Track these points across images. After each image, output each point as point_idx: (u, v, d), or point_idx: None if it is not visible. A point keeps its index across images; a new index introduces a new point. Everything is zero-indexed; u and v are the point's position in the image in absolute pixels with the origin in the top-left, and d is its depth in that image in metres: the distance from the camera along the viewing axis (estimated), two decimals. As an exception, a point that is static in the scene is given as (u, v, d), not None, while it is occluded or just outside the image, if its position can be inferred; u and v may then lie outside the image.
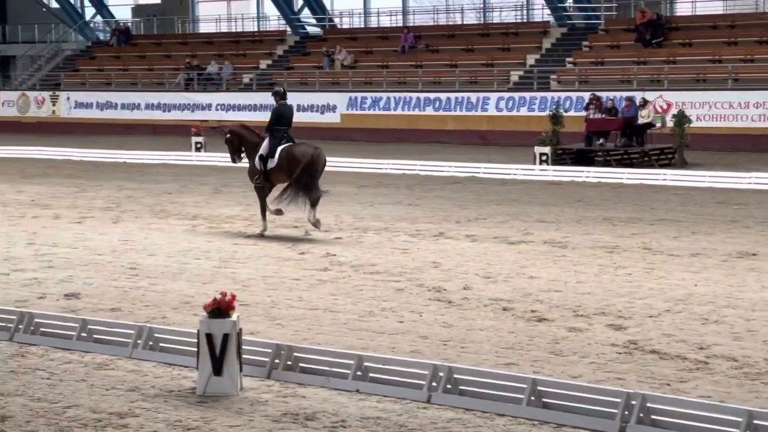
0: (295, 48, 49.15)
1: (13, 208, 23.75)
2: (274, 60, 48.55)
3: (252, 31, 52.63)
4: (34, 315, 12.47)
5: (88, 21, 57.98)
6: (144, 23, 56.35)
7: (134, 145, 39.60)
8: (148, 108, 47.12)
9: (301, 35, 50.53)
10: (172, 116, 46.17)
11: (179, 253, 17.88)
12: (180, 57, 50.07)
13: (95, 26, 58.42)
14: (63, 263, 17.07)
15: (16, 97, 50.60)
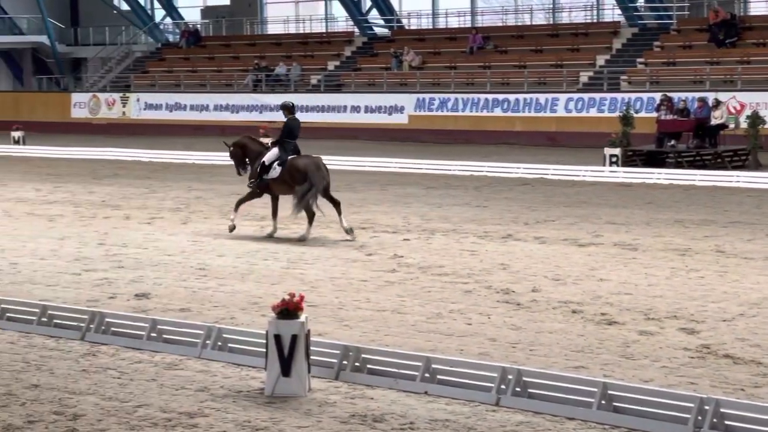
0: (362, 49, 49.25)
1: (84, 209, 24.05)
2: (342, 61, 48.69)
3: (320, 33, 52.83)
4: (105, 315, 12.60)
5: (158, 23, 58.54)
6: (213, 25, 56.79)
7: (203, 146, 39.88)
8: (217, 109, 47.47)
9: (369, 36, 50.62)
10: (240, 117, 46.45)
11: (248, 253, 17.98)
12: (248, 58, 50.39)
13: (165, 28, 58.98)
14: (133, 263, 17.25)
15: (87, 99, 51.22)
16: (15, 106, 53.35)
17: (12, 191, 27.57)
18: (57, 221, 22.22)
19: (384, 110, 43.43)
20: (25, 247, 19.00)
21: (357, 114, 43.99)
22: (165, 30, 58.94)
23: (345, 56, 48.99)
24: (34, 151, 39.80)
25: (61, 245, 19.11)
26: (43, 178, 31.10)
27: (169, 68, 52.33)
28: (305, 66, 48.36)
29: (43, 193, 27.25)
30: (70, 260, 17.59)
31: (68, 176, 31.47)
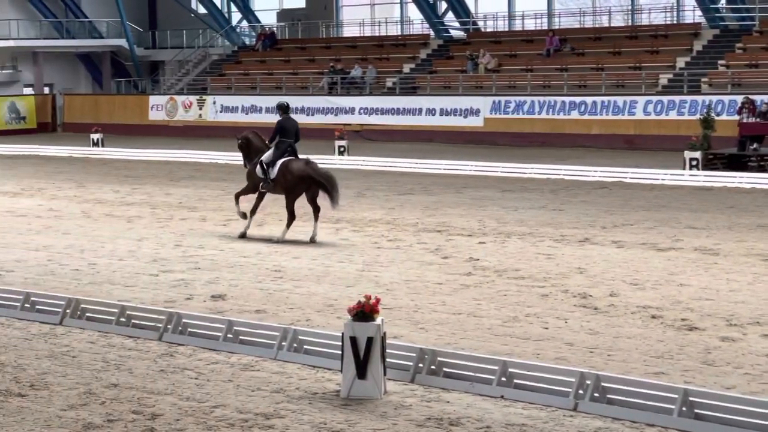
0: (438, 51, 49.21)
1: (161, 210, 24.29)
2: (418, 64, 48.69)
3: (395, 35, 52.87)
4: (182, 315, 12.71)
5: (235, 26, 58.99)
6: (289, 28, 57.09)
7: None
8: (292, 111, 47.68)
9: (445, 39, 50.56)
10: (315, 120, 46.63)
11: (323, 256, 18.03)
12: (324, 61, 50.59)
13: (241, 31, 59.41)
14: (209, 265, 17.38)
15: (164, 101, 51.75)
16: (94, 109, 54.10)
17: (91, 192, 27.95)
18: (135, 222, 22.48)
19: (459, 113, 43.34)
20: (103, 247, 19.24)
21: (432, 117, 43.94)
22: (241, 33, 59.36)
23: (420, 59, 48.98)
24: (113, 152, 40.31)
25: (138, 246, 19.32)
26: (121, 179, 31.48)
27: (245, 71, 52.71)
28: (381, 68, 48.44)
29: (121, 194, 27.58)
30: (148, 261, 17.78)
31: (146, 178, 31.82)
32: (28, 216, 23.65)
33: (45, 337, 12.91)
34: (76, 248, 19.18)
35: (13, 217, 23.58)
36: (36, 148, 42.33)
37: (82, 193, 27.82)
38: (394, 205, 24.54)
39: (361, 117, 45.65)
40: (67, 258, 18.21)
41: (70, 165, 36.70)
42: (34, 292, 14.32)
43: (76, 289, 15.52)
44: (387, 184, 29.32)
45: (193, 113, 50.66)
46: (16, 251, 18.93)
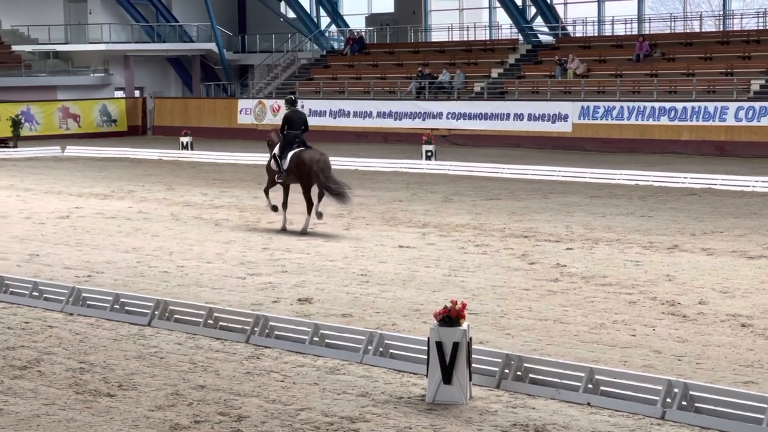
0: (526, 56, 49.03)
1: (249, 213, 24.51)
2: (506, 68, 48.56)
3: (484, 40, 52.78)
4: (269, 318, 12.82)
5: (324, 30, 59.32)
6: (377, 32, 57.28)
7: (366, 153, 40.27)
8: (380, 116, 47.84)
9: (534, 44, 50.36)
10: (403, 124, 46.73)
11: (409, 260, 18.07)
12: (412, 65, 50.67)
13: (330, 36, 59.74)
14: (296, 268, 17.50)
15: (253, 105, 52.21)
16: (184, 112, 54.78)
17: (180, 195, 28.29)
18: (223, 225, 22.71)
19: (547, 118, 43.13)
20: (192, 250, 19.47)
21: (520, 122, 43.78)
22: (330, 38, 59.69)
23: (509, 64, 48.84)
24: (202, 156, 40.76)
25: (226, 249, 19.52)
26: (210, 182, 31.82)
27: (334, 75, 52.99)
28: (469, 73, 48.39)
29: (209, 197, 27.89)
30: (235, 264, 17.96)
31: (234, 181, 32.13)
32: (118, 218, 24.03)
33: (134, 338, 13.11)
34: (164, 250, 19.45)
35: (103, 219, 23.97)
36: (126, 150, 42.98)
37: (171, 196, 28.18)
38: (481, 210, 24.50)
39: (448, 122, 45.63)
40: (155, 260, 18.46)
41: (160, 168, 37.20)
42: (124, 293, 14.55)
43: (165, 291, 15.73)
44: (474, 188, 29.28)
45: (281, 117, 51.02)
46: (106, 253, 19.24)
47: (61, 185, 31.16)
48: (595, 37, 49.64)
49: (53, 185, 31.07)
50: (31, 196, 28.47)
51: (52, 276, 16.95)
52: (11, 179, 33.16)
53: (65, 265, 18.02)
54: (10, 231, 22.15)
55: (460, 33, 54.51)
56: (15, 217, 24.43)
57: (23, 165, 38.64)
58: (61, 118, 52.87)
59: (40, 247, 19.94)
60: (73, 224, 23.13)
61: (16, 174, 35.03)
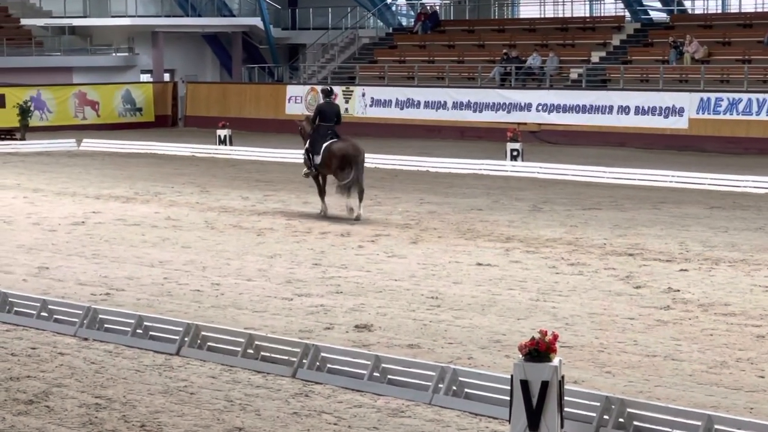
0: (634, 37, 48.81)
1: (298, 222, 24.62)
2: (609, 51, 48.38)
3: (582, 17, 52.63)
4: (321, 348, 12.85)
5: (390, 3, 59.46)
6: (454, 7, 57.34)
7: (439, 151, 40.28)
8: (456, 107, 47.86)
9: (643, 22, 50.13)
10: (484, 117, 46.70)
11: (489, 281, 18.03)
12: (496, 47, 50.65)
13: (398, 10, 59.90)
14: (353, 288, 17.53)
15: (304, 93, 52.42)
16: (222, 100, 55.12)
17: (216, 199, 28.49)
18: (266, 236, 22.82)
19: (659, 112, 42.89)
20: (229, 265, 19.58)
21: (625, 116, 43.59)
22: (398, 12, 59.85)
23: (612, 46, 48.65)
24: (242, 152, 40.99)
25: (270, 264, 19.61)
26: (251, 184, 32.01)
27: (401, 57, 53.07)
28: (564, 57, 48.27)
29: (251, 202, 28.05)
30: (281, 282, 18.02)
31: (280, 183, 32.28)
32: (143, 225, 24.23)
33: (159, 369, 13.20)
34: (197, 265, 19.57)
35: (125, 226, 24.18)
36: (153, 144, 43.33)
37: (205, 200, 28.38)
38: (577, 222, 24.41)
39: (538, 115, 45.53)
40: (186, 276, 18.58)
41: (192, 166, 37.46)
42: (148, 315, 14.66)
43: (197, 313, 15.82)
44: (568, 196, 29.17)
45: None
46: (127, 267, 19.40)
47: (76, 185, 31.50)
48: (717, 14, 49.31)
49: (67, 185, 31.41)
50: (41, 198, 28.80)
51: (64, 293, 17.12)
52: (18, 177, 33.59)
53: (79, 281, 18.20)
54: (15, 239, 22.42)
55: (554, 8, 54.40)
56: (22, 222, 24.72)
57: (32, 161, 39.12)
58: (77, 105, 53.45)
59: (51, 259, 20.16)
60: (90, 232, 23.35)
61: (24, 171, 35.47)
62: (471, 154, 39.08)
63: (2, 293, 15.87)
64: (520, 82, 48.00)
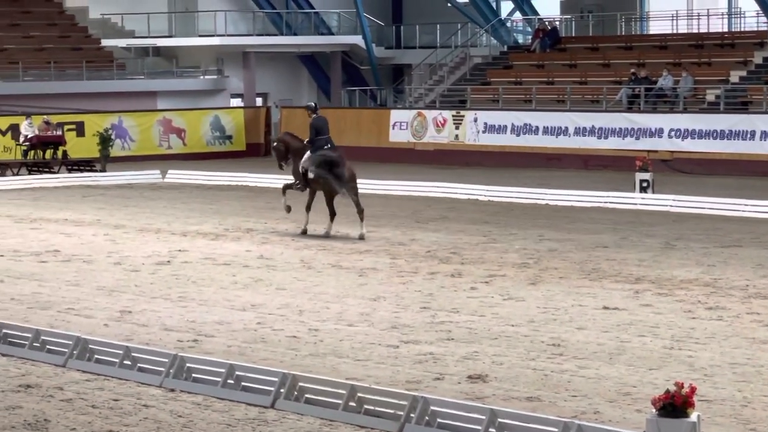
0: (780, 55, 48.34)
1: (404, 261, 24.64)
2: (750, 70, 47.95)
3: (720, 32, 52.23)
4: (430, 401, 12.82)
5: (505, 19, 59.48)
6: (576, 22, 57.23)
7: (560, 182, 40.13)
8: (579, 133, 47.68)
9: (789, 37, 49.64)
10: (609, 144, 46.46)
11: (617, 327, 17.91)
12: (622, 66, 50.42)
13: (513, 26, 59.88)
14: (466, 335, 17.50)
15: (410, 118, 52.53)
16: (319, 127, 55.32)
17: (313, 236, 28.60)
18: (369, 276, 22.87)
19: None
20: (328, 309, 19.64)
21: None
22: (513, 29, 59.83)
23: (754, 64, 48.21)
24: (342, 184, 41.09)
25: (373, 308, 19.64)
26: (351, 219, 32.08)
27: (517, 78, 53.03)
28: (699, 77, 47.91)
29: (351, 239, 28.11)
30: (385, 328, 18.05)
31: (384, 218, 32.34)
32: (233, 265, 24.40)
33: (252, 423, 13.26)
34: (293, 309, 19.66)
35: (214, 265, 24.37)
36: (244, 176, 43.64)
37: (300, 237, 28.50)
38: (715, 261, 24.18)
39: (671, 141, 45.22)
40: (281, 321, 18.67)
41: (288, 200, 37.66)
42: (240, 364, 14.72)
43: (293, 362, 15.88)
44: (705, 232, 28.92)
45: (447, 133, 51.25)
46: (217, 311, 19.55)
47: (161, 221, 31.81)
48: None
49: (150, 221, 31.74)
50: (123, 235, 29.13)
51: (149, 340, 17.28)
52: (98, 213, 34.00)
53: (165, 326, 18.36)
54: (96, 280, 22.69)
55: (687, 23, 54.03)
56: (102, 262, 25.03)
57: (113, 194, 39.60)
58: (161, 133, 54.01)
59: (134, 302, 20.37)
60: (176, 272, 23.58)
61: (104, 206, 35.91)
62: (595, 185, 38.89)
63: (82, 339, 16.05)
64: (650, 104, 47.71)
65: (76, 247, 26.91)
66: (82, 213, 33.69)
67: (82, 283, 22.34)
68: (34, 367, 15.94)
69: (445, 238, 28.21)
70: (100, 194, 39.60)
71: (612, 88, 49.04)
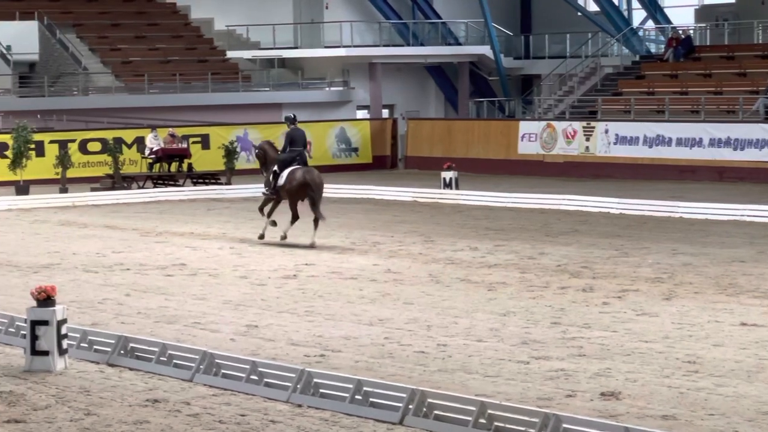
0: None
1: (534, 276, 24.56)
2: None
3: None
4: (562, 419, 12.77)
5: (636, 28, 59.08)
6: (711, 30, 56.66)
7: (694, 195, 39.77)
8: (714, 144, 47.19)
9: None
10: (746, 156, 45.93)
11: (755, 344, 17.72)
12: (759, 75, 49.88)
13: (645, 35, 59.45)
14: (598, 351, 17.41)
15: (539, 129, 52.37)
16: (446, 139, 55.40)
17: (441, 250, 28.62)
18: (498, 291, 22.83)
19: None
20: (457, 324, 19.65)
21: None
22: (645, 38, 59.41)
23: None
24: (470, 197, 41.07)
25: (503, 323, 19.61)
26: (480, 233, 32.09)
27: (650, 88, 52.68)
28: (840, 85, 47.26)
29: (480, 253, 28.09)
30: (516, 344, 18.01)
31: (513, 231, 32.28)
32: (360, 279, 24.49)
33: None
34: (420, 323, 19.69)
35: (340, 279, 24.48)
36: (370, 189, 43.79)
37: (429, 251, 28.54)
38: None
39: (810, 153, 44.64)
40: (409, 336, 18.71)
41: (414, 212, 37.74)
42: (368, 380, 14.77)
43: (421, 377, 15.90)
44: None
45: (577, 145, 51.03)
46: (344, 325, 19.63)
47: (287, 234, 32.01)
48: None
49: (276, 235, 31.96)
50: (249, 249, 29.39)
51: (275, 354, 17.41)
52: (223, 226, 34.32)
53: (292, 341, 18.48)
54: (222, 294, 22.90)
55: (827, 29, 53.30)
56: (228, 276, 25.26)
57: (238, 207, 39.93)
58: (287, 145, 54.30)
59: (260, 316, 20.53)
60: (302, 286, 23.73)
61: (230, 219, 36.24)
62: (731, 198, 38.46)
63: (209, 354, 16.20)
64: (788, 115, 47.13)
65: (202, 261, 27.19)
66: (208, 226, 34.02)
67: (208, 297, 22.56)
68: (161, 381, 16.14)
69: (575, 252, 28.08)
70: (225, 207, 39.96)
71: (749, 98, 48.50)
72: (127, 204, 40.98)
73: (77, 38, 57.75)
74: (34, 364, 16.72)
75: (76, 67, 56.13)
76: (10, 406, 14.79)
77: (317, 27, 60.39)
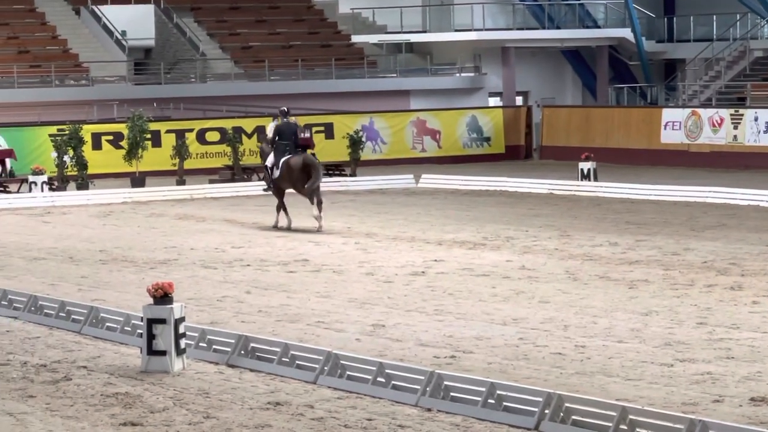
0: None
1: (678, 273, 24.37)
2: None
3: None
4: (709, 425, 12.64)
5: (790, 8, 58.39)
6: None
7: None
8: None
9: None
10: None
11: None
12: None
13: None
14: (747, 353, 17.25)
15: (683, 117, 51.92)
16: (584, 127, 55.10)
17: (578, 245, 28.50)
18: (640, 289, 22.69)
19: None
20: (595, 324, 19.56)
21: None
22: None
23: None
24: (609, 189, 40.84)
25: (645, 323, 19.49)
26: (620, 227, 31.90)
27: (803, 73, 52.04)
28: None
29: (620, 248, 27.93)
30: (658, 345, 17.90)
31: (655, 226, 32.05)
32: (492, 276, 24.46)
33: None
34: (557, 323, 19.63)
35: (471, 276, 24.46)
36: (503, 180, 43.65)
37: (566, 246, 28.43)
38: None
39: None
40: (545, 337, 18.66)
41: (550, 205, 37.61)
42: (501, 383, 14.75)
43: (558, 380, 15.86)
44: None
45: (724, 134, 50.52)
46: (476, 325, 19.62)
47: (414, 229, 32.05)
48: None
49: (403, 229, 32.02)
50: (375, 244, 29.44)
51: (403, 356, 17.44)
52: (348, 220, 34.43)
53: (420, 341, 18.50)
54: (347, 291, 22.99)
55: None
56: (353, 272, 25.34)
57: (364, 200, 40.04)
58: (415, 134, 54.34)
59: (387, 315, 20.58)
60: (431, 283, 23.74)
61: (355, 213, 36.34)
62: None
63: (333, 355, 16.27)
64: None
65: (325, 257, 27.31)
66: (332, 220, 34.09)
67: (332, 295, 22.66)
68: (284, 383, 16.25)
69: (723, 247, 27.82)
70: (349, 200, 40.06)
71: None
72: (247, 197, 41.23)
73: (195, 23, 58.29)
74: (150, 364, 16.92)
75: (193, 53, 56.65)
76: (126, 408, 14.98)
77: (447, 9, 60.35)
